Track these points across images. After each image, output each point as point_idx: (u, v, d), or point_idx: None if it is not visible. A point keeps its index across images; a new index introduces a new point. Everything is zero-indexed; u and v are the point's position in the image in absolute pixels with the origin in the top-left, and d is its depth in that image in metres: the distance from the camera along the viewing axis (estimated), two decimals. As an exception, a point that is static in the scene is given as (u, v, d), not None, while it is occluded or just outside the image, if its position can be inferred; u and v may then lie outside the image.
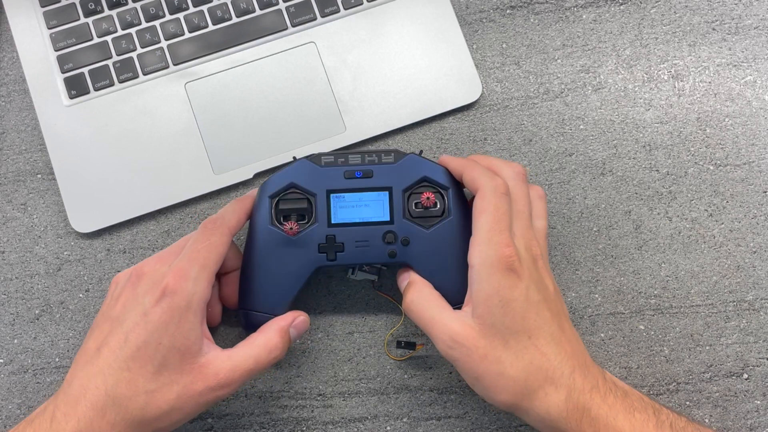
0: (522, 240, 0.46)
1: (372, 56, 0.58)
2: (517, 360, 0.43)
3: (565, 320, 0.46)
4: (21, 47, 0.58)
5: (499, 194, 0.46)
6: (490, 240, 0.45)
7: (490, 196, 0.46)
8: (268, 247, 0.50)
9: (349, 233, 0.50)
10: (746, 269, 0.56)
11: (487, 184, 0.47)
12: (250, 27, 0.58)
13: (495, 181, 0.47)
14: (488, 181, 0.47)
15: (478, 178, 0.47)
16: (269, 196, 0.50)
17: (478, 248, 0.45)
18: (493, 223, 0.45)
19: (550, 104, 0.58)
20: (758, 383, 0.54)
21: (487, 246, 0.45)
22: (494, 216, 0.45)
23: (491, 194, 0.46)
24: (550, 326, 0.44)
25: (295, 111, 0.57)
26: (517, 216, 0.47)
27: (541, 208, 0.50)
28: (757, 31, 0.59)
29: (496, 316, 0.44)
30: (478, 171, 0.48)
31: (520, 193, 0.48)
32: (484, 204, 0.46)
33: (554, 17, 0.59)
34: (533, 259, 0.46)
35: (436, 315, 0.46)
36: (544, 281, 0.46)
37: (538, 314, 0.44)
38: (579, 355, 0.45)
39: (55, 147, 0.56)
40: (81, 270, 0.56)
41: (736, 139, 0.57)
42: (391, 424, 0.54)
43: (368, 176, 0.50)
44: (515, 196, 0.48)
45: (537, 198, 0.50)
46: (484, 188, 0.46)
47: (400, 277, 0.51)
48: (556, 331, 0.45)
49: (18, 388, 0.55)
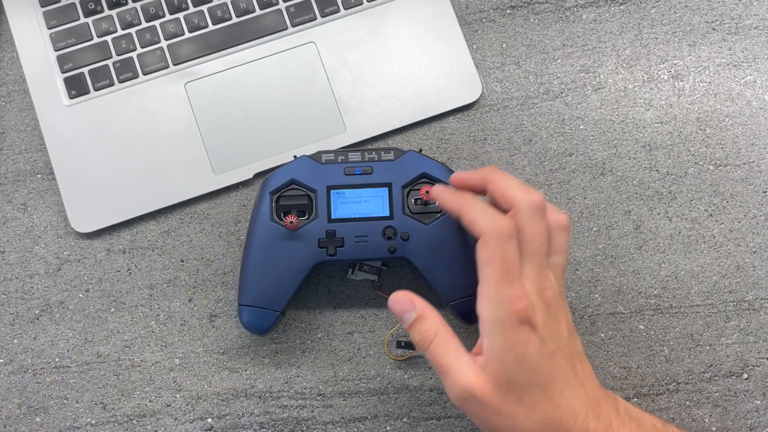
0: (535, 284, 0.42)
1: (372, 56, 0.58)
2: (532, 414, 0.41)
3: (578, 361, 0.44)
4: (21, 47, 0.58)
5: (504, 240, 0.41)
6: (499, 294, 0.41)
7: (493, 244, 0.41)
8: (268, 242, 0.50)
9: (349, 228, 0.50)
10: (746, 269, 0.56)
11: (489, 228, 0.41)
12: (250, 27, 0.58)
13: (498, 224, 0.41)
14: (490, 225, 0.41)
15: (479, 221, 0.42)
16: (270, 192, 0.51)
17: (487, 302, 0.41)
18: (500, 276, 0.40)
19: (550, 104, 0.58)
20: (758, 383, 0.54)
21: (496, 301, 0.41)
22: (501, 267, 0.40)
23: (495, 241, 0.41)
24: (564, 374, 0.42)
25: (295, 111, 0.57)
26: (531, 257, 0.42)
27: (562, 243, 0.45)
28: (757, 31, 0.59)
29: (511, 373, 0.41)
30: (478, 212, 0.42)
31: (535, 232, 0.42)
32: (488, 253, 0.41)
33: (554, 17, 0.59)
34: (547, 304, 0.42)
35: (453, 362, 0.42)
36: (559, 325, 0.43)
37: (552, 364, 0.42)
38: (592, 394, 0.43)
39: (55, 147, 0.56)
40: (81, 270, 0.56)
41: (736, 139, 0.57)
42: (391, 424, 0.54)
43: (368, 173, 0.51)
44: (529, 236, 0.42)
45: (558, 231, 0.44)
46: (486, 234, 0.41)
47: (400, 303, 0.45)
48: (570, 376, 0.42)
49: (18, 388, 0.55)
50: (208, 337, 0.55)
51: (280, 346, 0.55)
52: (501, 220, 0.41)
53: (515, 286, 0.41)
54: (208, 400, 0.54)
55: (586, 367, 0.44)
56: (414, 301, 0.44)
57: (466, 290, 0.50)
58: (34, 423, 0.54)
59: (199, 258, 0.56)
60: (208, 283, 0.56)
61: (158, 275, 0.56)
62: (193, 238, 0.56)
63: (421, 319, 0.44)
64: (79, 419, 0.54)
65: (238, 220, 0.56)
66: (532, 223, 0.42)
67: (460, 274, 0.49)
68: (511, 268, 0.41)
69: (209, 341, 0.55)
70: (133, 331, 0.55)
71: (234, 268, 0.56)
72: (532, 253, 0.42)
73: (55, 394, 0.54)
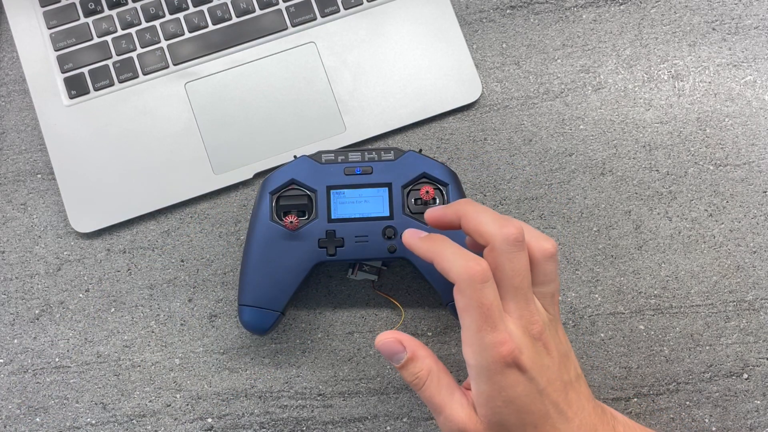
0: (520, 322, 0.41)
1: (372, 56, 0.58)
2: None
3: (571, 390, 0.42)
4: (21, 47, 0.58)
5: (479, 286, 0.39)
6: (481, 341, 0.40)
7: (468, 291, 0.39)
8: (268, 242, 0.50)
9: (349, 228, 0.50)
10: (746, 269, 0.56)
11: (461, 275, 0.40)
12: (250, 27, 0.58)
13: (470, 270, 0.39)
14: (462, 271, 0.39)
15: (451, 269, 0.40)
16: (270, 192, 0.51)
17: (470, 349, 0.40)
18: (480, 322, 0.39)
19: (550, 104, 0.58)
20: (758, 383, 0.54)
21: (479, 348, 0.40)
22: (479, 314, 0.39)
23: (469, 288, 0.39)
24: (556, 408, 0.41)
25: (295, 111, 0.57)
26: (513, 294, 0.41)
27: (549, 271, 0.43)
28: (757, 31, 0.59)
29: (501, 416, 0.41)
30: (450, 258, 0.41)
31: (515, 268, 0.41)
32: (464, 301, 0.40)
33: (554, 17, 0.59)
34: (535, 339, 0.41)
35: (447, 401, 0.42)
36: (549, 358, 0.42)
37: (543, 402, 0.41)
38: (587, 421, 0.43)
39: (55, 147, 0.56)
40: (81, 270, 0.56)
41: (736, 139, 0.57)
42: (391, 424, 0.54)
43: (368, 173, 0.51)
44: (509, 272, 0.40)
45: (544, 259, 0.42)
46: (460, 282, 0.40)
47: (390, 346, 0.44)
48: (564, 409, 0.42)
49: (18, 388, 0.55)
50: (208, 337, 0.55)
51: (280, 346, 0.55)
52: (473, 265, 0.39)
53: (497, 330, 0.39)
54: (208, 400, 0.54)
55: (580, 392, 0.43)
56: (403, 342, 0.43)
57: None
58: (34, 423, 0.54)
59: (199, 258, 0.56)
60: (208, 283, 0.56)
61: (158, 275, 0.56)
62: (193, 238, 0.56)
63: (413, 359, 0.43)
64: (79, 419, 0.54)
65: (238, 220, 0.57)
66: (510, 259, 0.40)
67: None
68: (491, 312, 0.39)
69: (209, 341, 0.55)
70: (133, 331, 0.55)
71: (234, 268, 0.56)
72: (513, 290, 0.41)
73: (55, 394, 0.54)
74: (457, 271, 0.40)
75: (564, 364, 0.43)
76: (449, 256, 0.41)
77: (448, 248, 0.41)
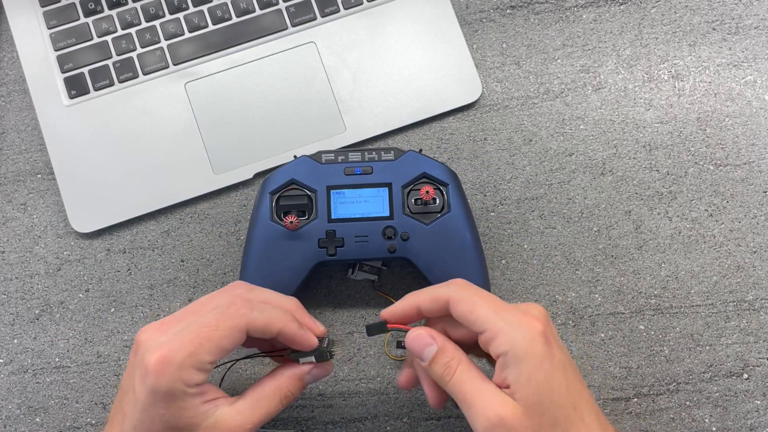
0: (527, 308, 0.43)
1: (372, 56, 0.58)
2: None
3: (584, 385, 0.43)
4: (21, 47, 0.58)
5: (466, 284, 0.44)
6: (505, 320, 0.41)
7: (460, 290, 0.43)
8: (268, 242, 0.50)
9: (349, 228, 0.50)
10: (746, 269, 0.56)
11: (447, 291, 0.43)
12: (250, 27, 0.58)
13: (448, 284, 0.44)
14: (445, 288, 0.43)
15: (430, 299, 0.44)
16: (270, 192, 0.51)
17: (501, 337, 0.41)
18: (495, 307, 0.42)
19: (550, 104, 0.58)
20: (758, 383, 0.54)
21: (508, 326, 0.41)
22: (484, 300, 0.42)
23: (460, 289, 0.43)
24: (585, 390, 0.42)
25: (295, 111, 0.57)
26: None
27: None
28: (757, 31, 0.59)
29: (543, 394, 0.40)
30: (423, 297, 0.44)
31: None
32: (462, 296, 0.42)
33: (554, 17, 0.59)
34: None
35: (480, 390, 0.41)
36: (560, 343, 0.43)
37: (575, 378, 0.41)
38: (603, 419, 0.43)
39: (55, 147, 0.56)
40: (81, 270, 0.56)
41: (736, 139, 0.57)
42: (391, 424, 0.54)
43: (368, 173, 0.51)
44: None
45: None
46: (450, 295, 0.43)
47: (420, 340, 0.44)
48: (587, 394, 0.42)
49: (18, 388, 0.55)
50: (208, 337, 0.55)
51: (280, 346, 0.55)
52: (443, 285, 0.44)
53: (516, 309, 0.42)
54: (208, 400, 0.54)
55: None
56: (434, 336, 0.43)
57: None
58: (34, 423, 0.54)
59: (199, 258, 0.56)
60: (208, 283, 0.56)
61: (158, 275, 0.56)
62: (193, 238, 0.56)
63: (443, 351, 0.43)
64: (79, 419, 0.54)
65: (238, 220, 0.56)
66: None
67: (461, 274, 0.49)
68: (492, 299, 0.42)
69: (209, 341, 0.55)
70: (133, 331, 0.55)
71: (234, 268, 0.56)
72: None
73: (55, 394, 0.54)
74: (441, 290, 0.43)
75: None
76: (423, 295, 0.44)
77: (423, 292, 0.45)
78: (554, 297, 0.55)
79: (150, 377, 0.40)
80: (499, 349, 0.40)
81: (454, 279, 0.45)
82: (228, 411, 0.42)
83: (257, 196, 0.51)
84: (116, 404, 0.43)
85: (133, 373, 0.41)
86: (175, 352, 0.40)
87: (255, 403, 0.43)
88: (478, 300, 0.42)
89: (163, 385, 0.40)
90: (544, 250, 0.56)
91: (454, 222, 0.50)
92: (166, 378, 0.40)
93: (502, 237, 0.56)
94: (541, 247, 0.56)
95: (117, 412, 0.42)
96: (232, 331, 0.41)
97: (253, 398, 0.43)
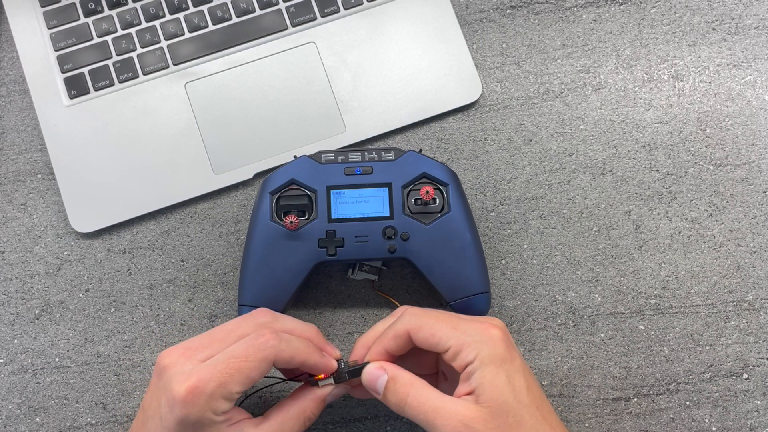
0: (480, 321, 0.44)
1: (372, 56, 0.58)
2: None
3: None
4: (21, 47, 0.58)
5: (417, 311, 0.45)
6: (468, 333, 0.42)
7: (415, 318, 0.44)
8: (268, 242, 0.50)
9: (349, 228, 0.50)
10: (746, 269, 0.56)
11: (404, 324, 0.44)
12: (250, 27, 0.58)
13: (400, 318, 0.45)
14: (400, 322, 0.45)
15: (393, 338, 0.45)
16: (270, 192, 0.51)
17: (465, 348, 0.42)
18: (453, 323, 0.43)
19: (550, 104, 0.58)
20: (758, 383, 0.54)
21: (471, 338, 0.42)
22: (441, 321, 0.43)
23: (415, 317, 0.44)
24: (543, 393, 0.44)
25: (295, 111, 0.57)
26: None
27: None
28: (757, 31, 0.59)
29: (507, 394, 0.41)
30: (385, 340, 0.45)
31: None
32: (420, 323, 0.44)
33: (554, 17, 0.59)
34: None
35: (439, 404, 0.42)
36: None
37: (534, 382, 0.43)
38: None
39: (55, 147, 0.56)
40: (81, 270, 0.56)
41: (736, 139, 0.57)
42: (391, 424, 0.54)
43: (368, 173, 0.51)
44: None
45: None
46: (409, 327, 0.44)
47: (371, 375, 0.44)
48: (545, 398, 0.44)
49: (18, 388, 0.55)
50: (208, 337, 0.55)
51: (280, 346, 0.55)
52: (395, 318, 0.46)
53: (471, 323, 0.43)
54: (208, 400, 0.54)
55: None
56: (384, 366, 0.44)
57: (466, 290, 0.50)
58: (34, 423, 0.54)
59: (199, 258, 0.56)
60: (208, 283, 0.56)
61: (158, 275, 0.56)
62: (193, 238, 0.56)
63: (394, 379, 0.44)
64: (79, 419, 0.54)
65: (238, 220, 0.56)
66: None
67: (461, 274, 0.50)
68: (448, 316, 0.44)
69: (209, 341, 0.55)
70: (133, 331, 0.55)
71: (234, 268, 0.56)
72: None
73: (55, 394, 0.54)
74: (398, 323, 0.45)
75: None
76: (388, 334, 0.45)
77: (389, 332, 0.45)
78: (554, 297, 0.55)
79: (178, 407, 0.40)
80: (465, 359, 0.42)
81: (402, 307, 0.46)
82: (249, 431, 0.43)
83: (257, 196, 0.51)
84: (139, 426, 0.44)
85: (159, 398, 0.42)
86: (205, 383, 0.40)
87: (280, 426, 0.44)
88: (435, 323, 0.43)
89: (193, 415, 0.40)
90: (544, 250, 0.56)
91: (454, 222, 0.50)
92: (197, 408, 0.40)
93: (502, 237, 0.56)
94: (541, 247, 0.56)
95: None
96: (261, 363, 0.42)
97: (278, 420, 0.44)
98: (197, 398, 0.40)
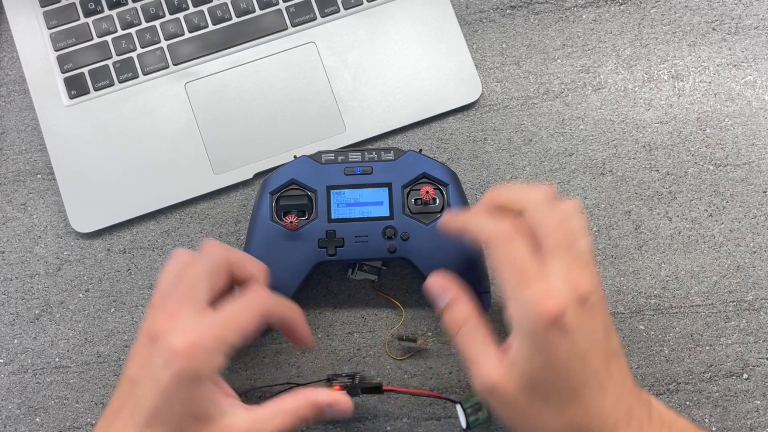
0: (566, 279, 0.39)
1: (372, 56, 0.58)
2: (558, 417, 0.40)
3: (613, 361, 0.41)
4: (21, 47, 0.58)
5: (506, 242, 0.41)
6: (522, 297, 0.39)
7: (499, 248, 0.41)
8: (268, 242, 0.50)
9: (349, 228, 0.50)
10: (746, 269, 0.56)
11: (489, 235, 0.41)
12: (250, 27, 0.58)
13: (497, 228, 0.41)
14: (490, 231, 0.41)
15: (480, 231, 0.42)
16: (270, 192, 0.51)
17: (513, 303, 0.40)
18: (518, 277, 0.40)
19: (550, 104, 0.58)
20: (758, 383, 0.54)
21: (521, 304, 0.39)
22: (512, 268, 0.40)
23: (498, 247, 0.41)
24: (596, 377, 0.40)
25: (295, 111, 0.57)
26: (553, 253, 0.40)
27: (577, 228, 0.41)
28: (757, 31, 0.59)
29: (538, 377, 0.40)
30: (477, 223, 0.43)
31: (550, 225, 0.41)
32: (499, 259, 0.41)
33: (554, 17, 0.59)
34: (582, 299, 0.39)
35: (478, 354, 0.41)
36: (594, 322, 0.40)
37: (583, 368, 0.40)
38: (625, 399, 0.41)
39: (55, 147, 0.56)
40: (81, 270, 0.56)
41: (736, 139, 0.57)
42: (391, 424, 0.54)
43: (368, 173, 0.51)
44: (545, 231, 0.41)
45: (569, 217, 0.42)
46: (489, 242, 0.41)
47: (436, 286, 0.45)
48: (603, 379, 0.40)
49: (18, 388, 0.55)
50: (208, 337, 0.55)
51: (280, 346, 0.55)
52: (498, 224, 0.41)
53: (537, 285, 0.39)
54: (208, 400, 0.54)
55: (621, 366, 0.42)
56: (448, 287, 0.44)
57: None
58: (34, 423, 0.54)
59: (199, 258, 0.56)
60: (208, 283, 0.56)
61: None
62: (193, 238, 0.56)
63: (453, 304, 0.44)
64: (79, 419, 0.54)
65: (238, 220, 0.57)
66: (544, 217, 0.41)
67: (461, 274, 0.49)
68: (525, 268, 0.40)
69: (209, 341, 0.55)
70: (133, 331, 0.55)
71: (234, 268, 0.56)
72: (553, 248, 0.40)
73: (55, 394, 0.54)
74: (485, 232, 0.42)
75: (608, 333, 0.41)
76: (478, 221, 0.43)
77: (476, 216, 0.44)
78: (554, 297, 0.55)
79: (178, 360, 0.40)
80: (511, 311, 0.40)
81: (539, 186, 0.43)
82: (244, 415, 0.42)
83: (257, 196, 0.52)
84: (122, 396, 0.43)
85: (151, 361, 0.41)
86: (203, 337, 0.41)
87: (272, 416, 0.43)
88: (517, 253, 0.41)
89: (192, 369, 0.40)
90: (544, 250, 0.56)
91: None
92: (196, 361, 0.40)
93: (502, 237, 0.56)
94: (541, 247, 0.56)
95: (125, 402, 0.42)
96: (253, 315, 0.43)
97: (272, 411, 0.43)
98: (197, 351, 0.41)
